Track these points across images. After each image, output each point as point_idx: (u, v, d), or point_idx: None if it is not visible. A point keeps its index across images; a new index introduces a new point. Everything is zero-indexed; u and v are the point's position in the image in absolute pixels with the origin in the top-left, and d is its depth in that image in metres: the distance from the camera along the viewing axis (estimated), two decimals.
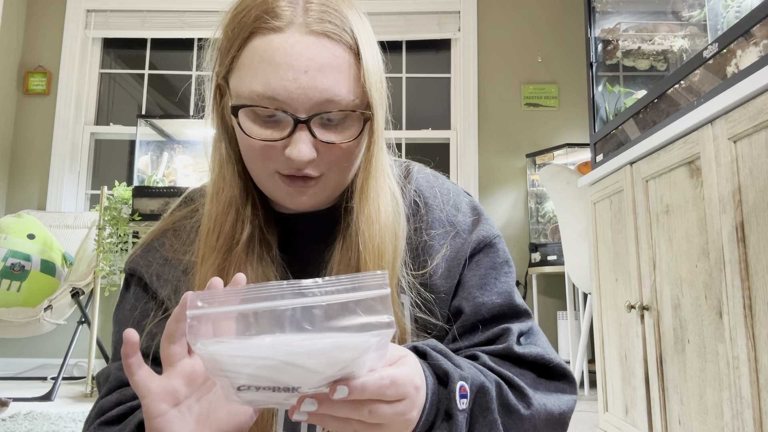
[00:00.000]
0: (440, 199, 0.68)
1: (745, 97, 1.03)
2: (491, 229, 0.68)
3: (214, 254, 0.59)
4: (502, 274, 0.66)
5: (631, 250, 1.56)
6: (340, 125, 0.57)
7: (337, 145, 0.57)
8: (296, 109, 0.54)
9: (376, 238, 0.59)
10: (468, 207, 0.69)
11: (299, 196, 0.59)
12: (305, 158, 0.55)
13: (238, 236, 0.60)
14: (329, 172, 0.58)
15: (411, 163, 0.72)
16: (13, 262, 2.69)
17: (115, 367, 0.61)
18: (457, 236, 0.65)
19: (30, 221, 2.88)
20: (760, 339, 1.01)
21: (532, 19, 3.40)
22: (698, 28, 1.94)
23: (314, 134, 0.55)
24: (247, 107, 0.56)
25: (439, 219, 0.66)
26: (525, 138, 3.29)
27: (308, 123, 0.55)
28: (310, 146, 0.55)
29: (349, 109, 0.56)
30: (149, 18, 3.47)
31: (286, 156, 0.55)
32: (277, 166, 0.57)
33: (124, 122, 3.47)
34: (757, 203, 1.02)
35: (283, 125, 0.56)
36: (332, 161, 0.58)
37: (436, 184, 0.70)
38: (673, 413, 1.35)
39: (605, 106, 1.99)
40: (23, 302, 2.67)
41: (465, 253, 0.65)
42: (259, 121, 0.56)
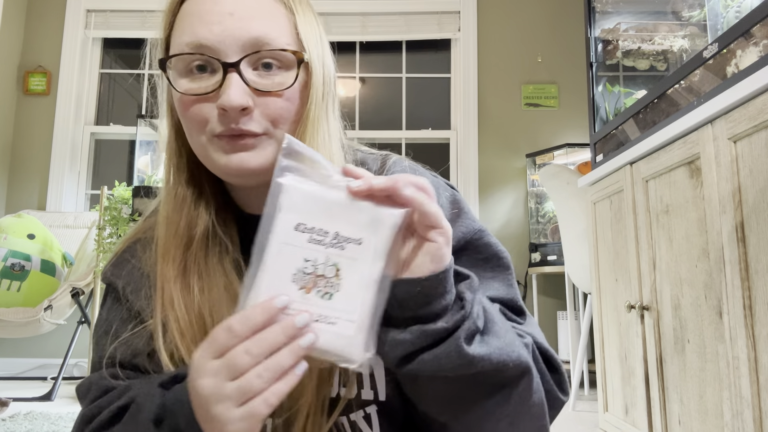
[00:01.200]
0: None
1: (745, 97, 1.03)
2: (472, 224, 0.62)
3: (172, 252, 0.57)
4: (487, 270, 0.61)
5: (631, 250, 1.56)
6: (276, 75, 0.54)
7: (274, 95, 0.53)
8: (225, 54, 0.52)
9: None
10: (447, 201, 0.63)
11: (239, 155, 0.54)
12: (236, 103, 0.51)
13: (193, 231, 0.58)
14: (273, 129, 0.54)
15: (388, 155, 0.68)
16: (13, 262, 2.69)
17: (96, 377, 0.59)
18: None
19: (30, 221, 2.88)
20: (760, 339, 1.01)
21: (532, 19, 3.40)
22: (698, 28, 1.94)
23: (246, 80, 0.52)
24: (175, 57, 0.53)
25: None
26: (525, 138, 3.29)
27: (238, 66, 0.52)
28: (242, 91, 0.52)
29: (280, 49, 0.53)
30: (149, 18, 3.47)
31: (219, 106, 0.52)
32: (214, 126, 0.53)
33: (124, 122, 3.47)
34: (757, 203, 1.02)
35: (215, 77, 0.53)
36: (273, 114, 0.54)
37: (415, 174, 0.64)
38: (673, 413, 1.35)
39: (605, 106, 1.99)
40: (23, 302, 2.67)
41: None
42: (191, 76, 0.54)
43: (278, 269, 0.43)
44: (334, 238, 0.43)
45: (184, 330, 0.55)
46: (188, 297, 0.57)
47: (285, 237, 0.43)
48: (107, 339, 0.61)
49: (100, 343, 0.62)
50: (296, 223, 0.43)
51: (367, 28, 3.44)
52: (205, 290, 0.57)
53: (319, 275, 0.43)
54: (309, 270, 0.43)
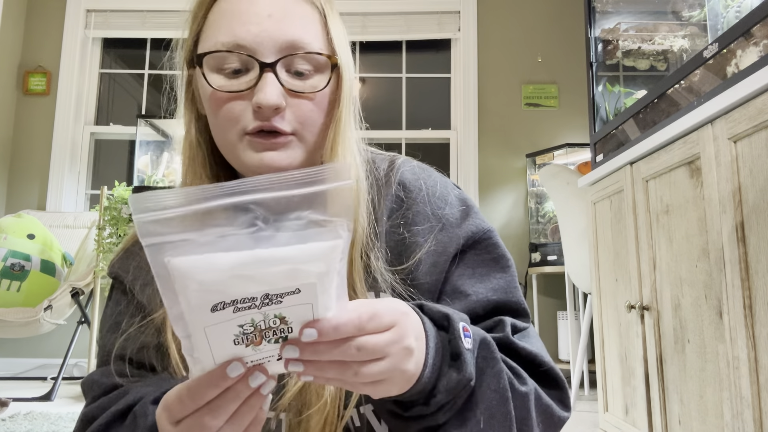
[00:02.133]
0: (425, 192, 0.63)
1: (745, 97, 1.03)
2: (482, 223, 0.63)
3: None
4: (497, 270, 0.61)
5: (631, 250, 1.56)
6: (309, 78, 0.55)
7: (306, 98, 0.55)
8: (262, 54, 0.53)
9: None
10: (456, 199, 0.64)
11: (269, 153, 0.55)
12: (272, 101, 0.52)
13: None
14: (303, 131, 0.56)
15: (396, 156, 0.68)
16: (13, 262, 2.69)
17: (99, 374, 0.59)
18: (443, 230, 0.61)
19: (30, 221, 2.88)
20: (760, 339, 1.01)
21: (532, 19, 3.40)
22: (698, 28, 1.94)
23: (281, 81, 0.54)
24: (212, 54, 0.54)
25: (424, 213, 0.61)
26: (525, 138, 3.29)
27: (274, 67, 0.53)
28: (278, 90, 0.53)
29: (316, 52, 0.55)
30: (149, 18, 3.47)
31: (254, 104, 0.53)
32: (245, 123, 0.54)
33: (124, 122, 3.47)
34: (757, 203, 1.02)
35: (249, 76, 0.54)
36: (303, 116, 0.55)
37: (422, 176, 0.65)
38: (673, 413, 1.35)
39: (605, 106, 1.99)
40: (23, 302, 2.67)
41: (453, 248, 0.60)
42: (225, 75, 0.55)
43: (214, 345, 0.36)
44: (264, 299, 0.35)
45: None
46: None
47: (204, 322, 0.35)
48: (113, 334, 0.61)
49: (106, 338, 0.62)
50: (210, 306, 0.34)
51: (367, 28, 3.44)
52: None
53: (264, 329, 0.37)
54: (249, 330, 0.36)
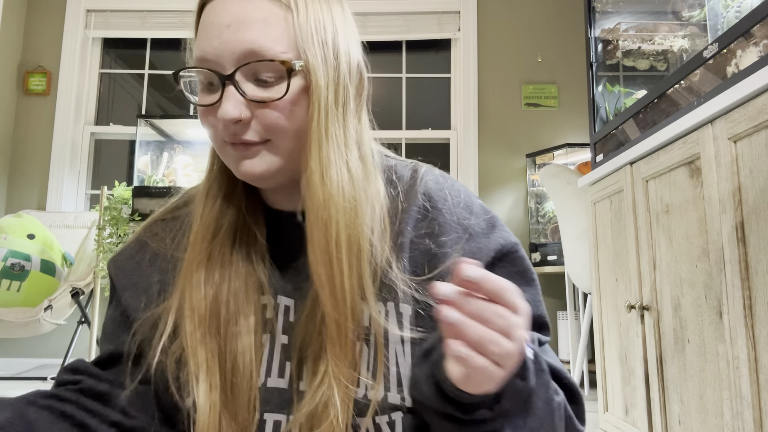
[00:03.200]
0: (450, 202, 0.62)
1: (745, 97, 1.03)
2: (509, 236, 0.62)
3: (200, 239, 0.59)
4: (524, 284, 0.61)
5: (631, 250, 1.56)
6: (273, 85, 0.54)
7: (271, 106, 0.54)
8: (222, 66, 0.53)
9: (322, 209, 0.54)
10: (481, 209, 0.63)
11: (246, 162, 0.55)
12: (228, 116, 0.52)
13: (221, 221, 0.60)
14: (275, 139, 0.55)
15: (418, 164, 0.67)
16: (13, 262, 2.69)
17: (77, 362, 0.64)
18: (471, 240, 0.60)
19: (30, 221, 2.88)
20: (760, 339, 1.01)
21: (532, 19, 3.40)
22: (698, 28, 1.94)
23: (243, 92, 0.53)
24: (184, 70, 0.56)
25: (450, 223, 0.60)
26: (525, 138, 3.29)
27: (233, 78, 0.53)
28: (236, 104, 0.53)
29: (277, 60, 0.53)
30: (149, 18, 3.47)
31: (219, 118, 0.54)
32: (221, 134, 0.56)
33: (124, 122, 3.47)
34: (757, 203, 1.02)
35: (217, 89, 0.55)
36: (269, 124, 0.54)
37: (446, 185, 0.64)
38: (673, 413, 1.35)
39: (605, 106, 1.99)
40: (23, 302, 2.67)
41: (483, 260, 0.59)
42: (204, 90, 0.56)
43: None
44: None
45: (198, 317, 0.57)
46: (208, 284, 0.58)
47: None
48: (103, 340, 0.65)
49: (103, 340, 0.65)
50: None
51: (367, 28, 3.44)
52: (226, 278, 0.59)
53: None
54: None
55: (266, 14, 0.53)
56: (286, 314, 0.60)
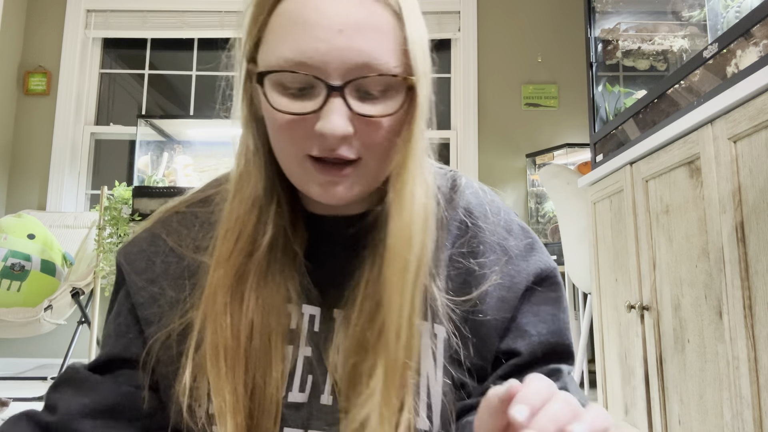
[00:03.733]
0: (491, 220, 0.59)
1: (745, 97, 1.03)
2: (548, 260, 0.60)
3: (232, 258, 0.53)
4: (560, 311, 0.59)
5: (631, 250, 1.56)
6: (380, 99, 0.49)
7: (376, 123, 0.49)
8: (329, 75, 0.47)
9: (406, 228, 0.51)
10: (519, 229, 0.60)
11: (333, 187, 0.51)
12: (338, 132, 0.47)
13: (260, 239, 0.54)
14: (368, 157, 0.50)
15: (457, 174, 0.63)
16: (13, 262, 2.69)
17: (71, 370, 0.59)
18: (510, 263, 0.57)
19: (30, 221, 2.88)
20: (759, 339, 1.01)
21: (532, 19, 3.40)
22: (698, 28, 1.94)
23: (350, 105, 0.48)
24: (275, 73, 0.49)
25: (490, 243, 0.58)
26: (525, 138, 3.29)
27: (343, 91, 0.47)
28: (345, 118, 0.48)
29: (391, 74, 0.48)
30: (149, 18, 3.47)
31: (318, 132, 0.48)
32: (308, 147, 0.50)
33: (124, 122, 3.47)
34: (757, 203, 1.02)
35: (314, 97, 0.49)
36: (371, 142, 0.50)
37: (486, 200, 0.61)
38: (673, 413, 1.35)
39: (605, 106, 1.99)
40: (23, 302, 2.67)
41: (523, 284, 0.57)
42: (288, 94, 0.49)
43: None
44: None
45: (221, 343, 0.52)
46: (239, 309, 0.53)
47: None
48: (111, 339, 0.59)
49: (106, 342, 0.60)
50: None
51: None
52: (260, 302, 0.54)
53: None
54: None
55: (380, 21, 0.48)
56: (311, 323, 0.57)
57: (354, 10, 0.47)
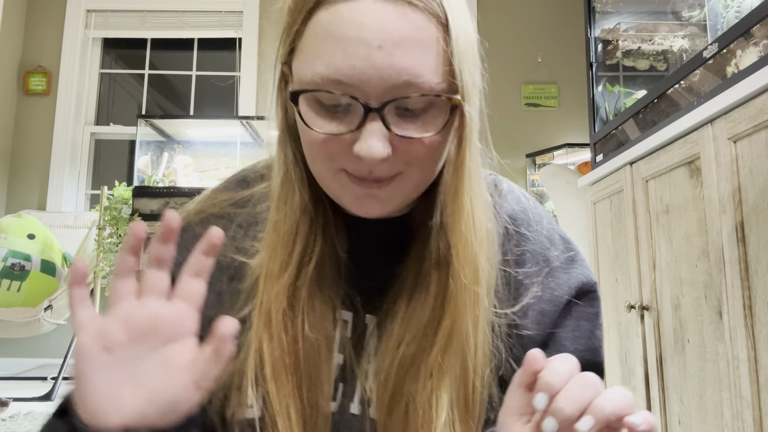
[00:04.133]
0: (534, 228, 0.57)
1: (745, 97, 1.03)
2: (589, 273, 0.58)
3: (285, 275, 0.51)
4: (597, 327, 0.58)
5: (631, 250, 1.56)
6: (421, 116, 0.46)
7: (417, 140, 0.46)
8: (367, 95, 0.44)
9: (473, 262, 0.49)
10: (560, 239, 0.59)
11: (369, 201, 0.48)
12: (377, 156, 0.44)
13: (311, 252, 0.52)
14: (408, 171, 0.48)
15: (497, 178, 0.61)
16: (13, 262, 2.69)
17: None
18: (551, 275, 0.56)
19: (30, 221, 2.88)
20: (760, 339, 1.01)
21: (532, 19, 3.40)
22: (698, 28, 1.94)
23: (389, 126, 0.45)
24: (309, 92, 0.45)
25: (532, 252, 0.56)
26: (525, 138, 3.29)
27: (382, 111, 0.44)
28: (384, 141, 0.45)
29: (434, 94, 0.45)
30: (149, 18, 3.47)
31: (355, 153, 0.45)
32: (343, 163, 0.47)
33: (124, 122, 3.47)
34: (757, 203, 1.02)
35: (351, 116, 0.46)
36: (412, 159, 0.47)
37: (529, 207, 0.59)
38: (673, 413, 1.35)
39: (605, 106, 1.99)
40: (23, 302, 2.67)
41: (564, 298, 0.56)
42: (324, 111, 0.46)
43: None
44: None
45: (279, 359, 0.50)
46: (293, 324, 0.51)
47: None
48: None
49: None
50: None
51: None
52: (311, 316, 0.52)
53: None
54: None
55: (423, 34, 0.44)
56: (344, 329, 0.55)
57: (394, 24, 0.43)
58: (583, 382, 0.39)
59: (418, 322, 0.52)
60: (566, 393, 0.39)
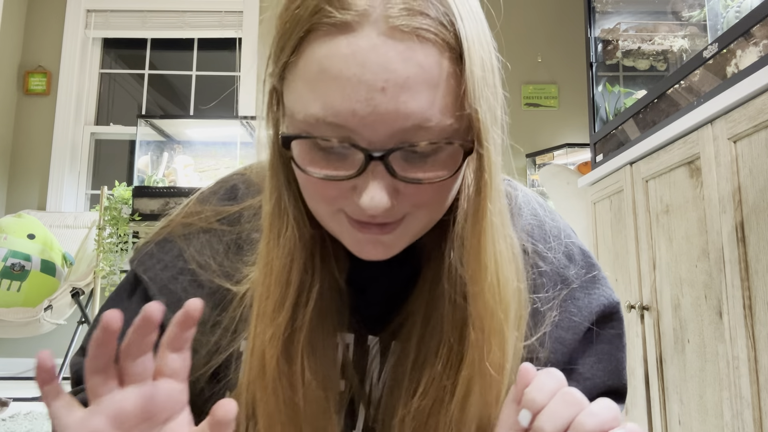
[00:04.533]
0: (552, 245, 0.53)
1: (745, 97, 1.03)
2: (611, 294, 0.54)
3: (281, 316, 0.45)
4: (616, 348, 0.54)
5: (631, 250, 1.56)
6: (431, 156, 0.41)
7: (426, 184, 0.41)
8: (369, 141, 0.39)
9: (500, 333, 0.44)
10: (580, 255, 0.54)
11: (371, 247, 0.44)
12: (380, 207, 0.39)
13: (308, 288, 0.46)
14: (416, 212, 0.43)
15: (511, 186, 0.55)
16: (13, 262, 2.69)
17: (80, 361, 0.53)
18: (570, 297, 0.52)
19: (30, 221, 2.88)
20: (759, 339, 1.01)
21: (532, 19, 3.40)
22: (698, 28, 1.94)
23: (394, 171, 0.39)
24: (302, 139, 0.40)
25: (549, 273, 0.52)
26: (525, 138, 3.29)
27: (386, 159, 0.39)
28: (388, 189, 0.40)
29: (445, 141, 0.39)
30: (149, 18, 3.47)
31: (355, 201, 0.41)
32: (342, 205, 0.42)
33: (124, 122, 3.47)
34: (757, 203, 1.02)
35: (351, 158, 0.40)
36: (420, 202, 0.42)
37: (547, 219, 0.54)
38: (673, 413, 1.35)
39: (605, 106, 1.99)
40: (23, 302, 2.67)
41: (583, 325, 0.51)
42: (320, 152, 0.41)
43: None
44: None
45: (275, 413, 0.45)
46: (290, 371, 0.46)
47: None
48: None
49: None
50: None
51: None
52: (312, 360, 0.47)
53: None
54: None
55: (433, 71, 0.38)
56: (346, 352, 0.51)
57: (399, 62, 0.37)
58: (567, 398, 0.38)
59: (431, 369, 0.47)
60: (548, 411, 0.38)
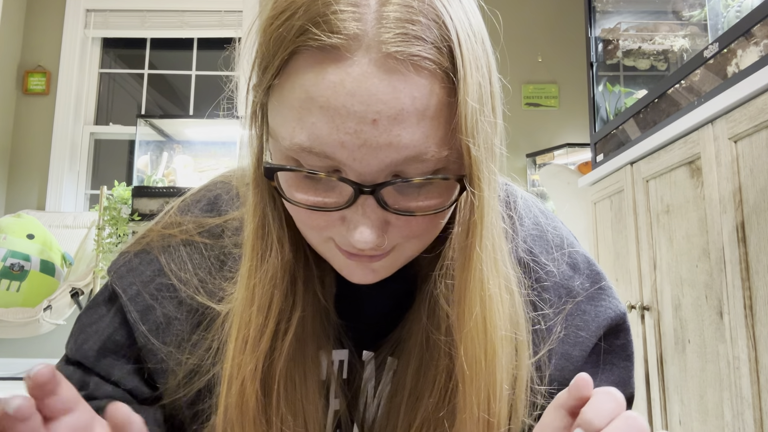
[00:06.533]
0: (554, 256, 0.50)
1: (746, 96, 1.03)
2: (618, 305, 0.51)
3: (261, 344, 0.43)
4: (623, 358, 0.52)
5: (631, 250, 1.56)
6: (425, 187, 0.39)
7: (418, 216, 0.39)
8: (359, 173, 0.37)
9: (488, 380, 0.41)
10: (585, 264, 0.51)
11: (360, 272, 0.42)
12: (371, 243, 0.38)
13: (291, 317, 0.44)
14: (406, 242, 0.42)
15: (510, 190, 0.52)
16: (13, 262, 2.68)
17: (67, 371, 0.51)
18: (575, 311, 0.49)
19: (29, 221, 2.87)
20: (760, 339, 1.01)
21: (532, 19, 3.39)
22: (699, 28, 1.94)
23: (385, 204, 0.38)
24: (287, 171, 0.38)
25: (554, 287, 0.49)
26: (525, 138, 3.29)
27: (376, 193, 0.37)
28: (378, 224, 0.38)
29: (440, 176, 0.38)
30: (149, 18, 3.47)
31: (344, 233, 0.39)
32: (332, 233, 0.41)
33: (123, 122, 3.47)
34: (758, 203, 1.02)
35: (340, 188, 0.39)
36: (410, 233, 0.40)
37: (549, 227, 0.52)
38: (674, 413, 1.35)
39: (605, 106, 1.99)
40: (23, 302, 2.66)
41: (589, 341, 0.49)
42: (307, 180, 0.39)
43: None
44: None
45: None
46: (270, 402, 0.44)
47: None
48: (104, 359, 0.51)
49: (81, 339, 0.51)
50: None
51: None
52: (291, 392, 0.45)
53: None
54: None
55: (428, 101, 0.36)
56: (340, 370, 0.50)
57: (391, 93, 0.35)
58: (627, 424, 0.34)
59: (427, 403, 0.45)
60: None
